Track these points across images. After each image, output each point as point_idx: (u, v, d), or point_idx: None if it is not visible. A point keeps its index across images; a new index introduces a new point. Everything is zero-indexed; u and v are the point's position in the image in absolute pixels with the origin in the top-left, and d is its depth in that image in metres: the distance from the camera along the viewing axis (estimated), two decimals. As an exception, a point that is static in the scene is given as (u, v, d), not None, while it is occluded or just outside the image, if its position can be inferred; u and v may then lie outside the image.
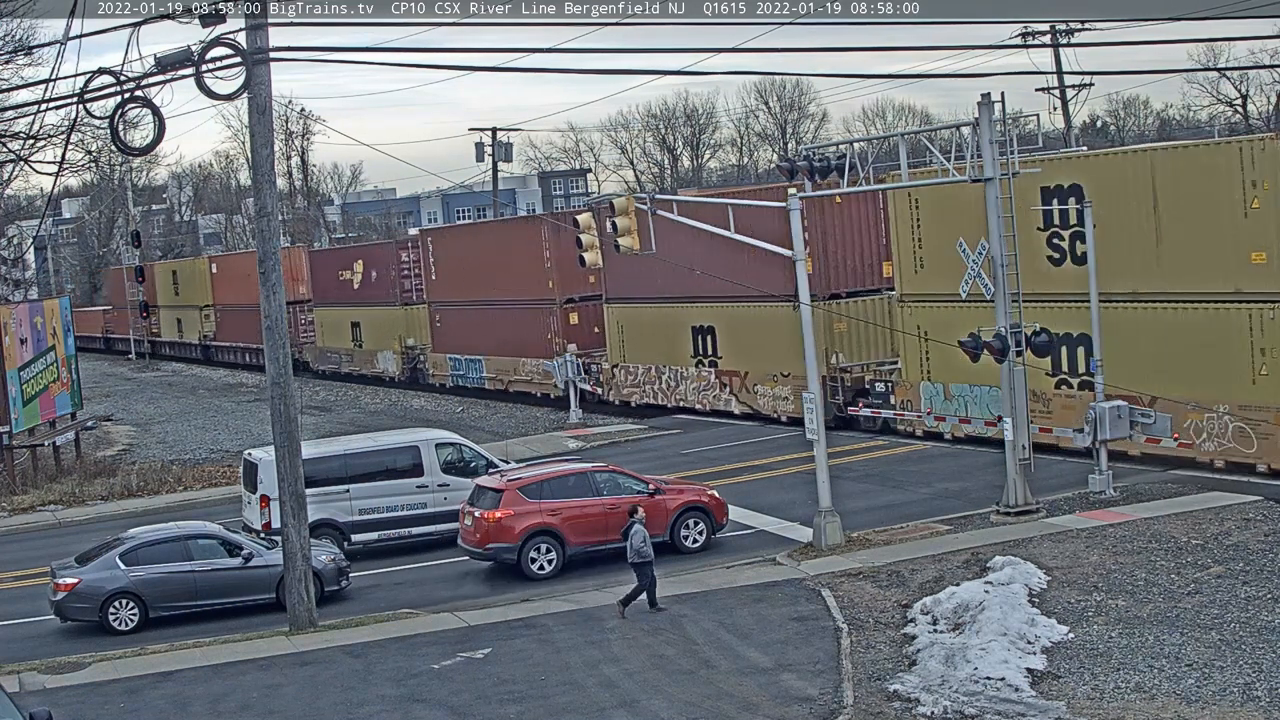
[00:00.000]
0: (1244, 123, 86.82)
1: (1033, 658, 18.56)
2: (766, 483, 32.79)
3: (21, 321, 44.20)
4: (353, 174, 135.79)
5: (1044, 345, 26.76)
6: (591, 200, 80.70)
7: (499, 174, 75.23)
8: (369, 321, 65.59)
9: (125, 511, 37.42)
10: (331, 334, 70.66)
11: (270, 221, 23.52)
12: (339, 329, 69.50)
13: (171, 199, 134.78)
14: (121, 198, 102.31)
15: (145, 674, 21.18)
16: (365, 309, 65.69)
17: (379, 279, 63.56)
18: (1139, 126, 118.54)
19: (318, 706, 19.04)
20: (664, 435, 41.97)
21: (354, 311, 67.15)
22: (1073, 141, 61.35)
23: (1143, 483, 28.04)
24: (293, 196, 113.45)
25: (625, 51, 51.57)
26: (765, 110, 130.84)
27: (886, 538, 26.00)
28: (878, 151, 48.12)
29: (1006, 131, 26.44)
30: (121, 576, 24.98)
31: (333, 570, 25.79)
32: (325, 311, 70.86)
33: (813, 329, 26.84)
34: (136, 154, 36.34)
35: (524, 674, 19.57)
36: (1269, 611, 19.50)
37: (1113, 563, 22.56)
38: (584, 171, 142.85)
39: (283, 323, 23.63)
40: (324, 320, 71.23)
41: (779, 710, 17.40)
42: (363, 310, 66.05)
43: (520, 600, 24.14)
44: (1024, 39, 57.68)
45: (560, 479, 27.06)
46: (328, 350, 71.16)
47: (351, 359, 68.10)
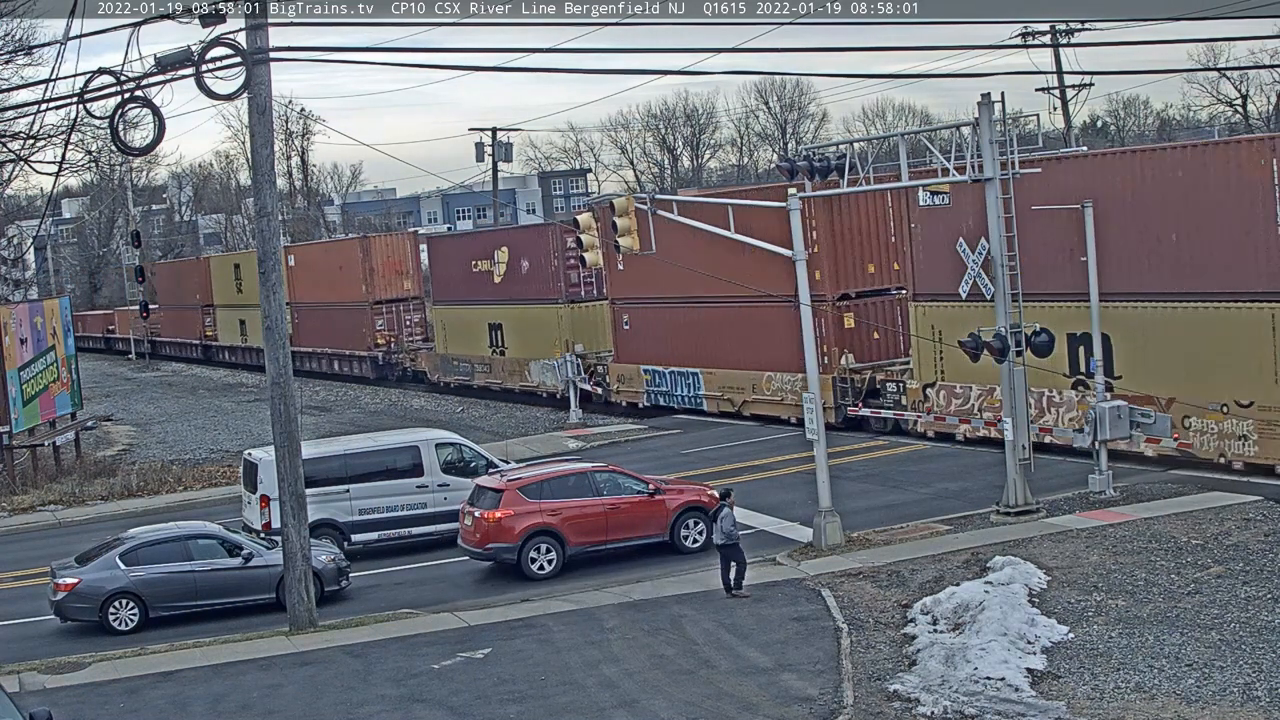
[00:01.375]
0: (1244, 123, 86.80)
1: (1033, 658, 18.56)
2: (767, 483, 32.79)
3: (21, 321, 44.20)
4: (353, 174, 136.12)
5: (1044, 345, 26.75)
6: (592, 200, 79.51)
7: (499, 174, 75.24)
8: (517, 323, 53.49)
9: (125, 511, 37.42)
10: (460, 338, 57.96)
11: (270, 221, 23.51)
12: (471, 332, 56.80)
13: (171, 199, 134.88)
14: (121, 198, 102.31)
15: (145, 674, 21.18)
16: (511, 308, 53.56)
17: (533, 270, 51.26)
18: (1139, 126, 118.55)
19: (318, 706, 19.04)
20: (664, 435, 41.97)
21: (493, 311, 54.76)
22: (1073, 142, 61.35)
23: (1142, 483, 28.05)
24: (293, 196, 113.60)
25: (625, 51, 51.60)
26: (765, 110, 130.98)
27: (886, 538, 26.00)
28: (878, 151, 48.14)
29: (1006, 131, 26.45)
30: (121, 576, 24.98)
31: (333, 570, 25.79)
32: (449, 311, 59.02)
33: (813, 329, 26.91)
34: (136, 154, 36.35)
35: (524, 674, 19.57)
36: (1269, 611, 19.50)
37: (1113, 563, 22.56)
38: (584, 171, 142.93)
39: (283, 323, 23.61)
40: (447, 321, 59.32)
41: (779, 710, 17.40)
42: (508, 310, 53.93)
43: (520, 600, 24.14)
44: (1024, 39, 57.70)
45: (560, 479, 27.06)
46: (453, 359, 58.73)
47: (489, 369, 55.73)
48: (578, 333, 49.80)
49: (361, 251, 64.54)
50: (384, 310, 63.68)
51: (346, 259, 65.98)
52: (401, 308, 63.71)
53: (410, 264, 64.28)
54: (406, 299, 64.08)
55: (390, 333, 63.62)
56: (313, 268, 69.59)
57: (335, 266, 66.84)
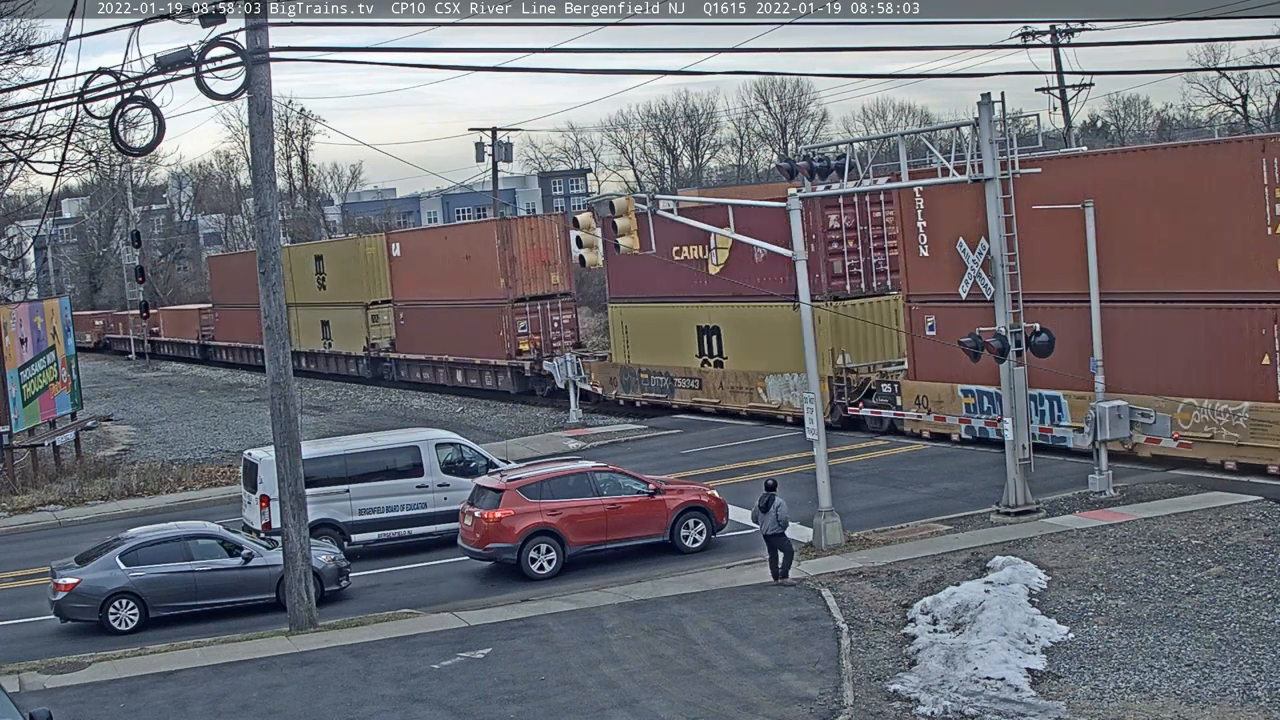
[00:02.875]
0: (1244, 123, 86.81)
1: (1033, 658, 18.56)
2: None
3: (21, 321, 44.22)
4: (353, 174, 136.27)
5: (1044, 345, 26.75)
6: (591, 200, 78.09)
7: (499, 174, 75.22)
8: (741, 325, 42.11)
9: (125, 511, 37.42)
10: (645, 344, 45.75)
11: (270, 221, 23.50)
12: (663, 336, 45.00)
13: (171, 199, 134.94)
14: (121, 198, 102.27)
15: (145, 674, 21.17)
16: (732, 306, 42.07)
17: (770, 258, 36.84)
18: (1139, 126, 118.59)
19: (318, 706, 19.04)
20: (664, 435, 41.96)
21: (703, 310, 43.34)
22: (1073, 142, 61.34)
23: (1142, 483, 28.06)
24: (293, 196, 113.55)
25: (625, 51, 51.52)
26: (765, 110, 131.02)
27: (886, 538, 26.00)
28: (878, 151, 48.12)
29: (1006, 131, 26.45)
30: (121, 576, 24.98)
31: (333, 570, 25.79)
32: (630, 310, 47.55)
33: (813, 329, 26.89)
34: (136, 154, 36.31)
35: (524, 674, 19.57)
36: (1269, 611, 19.50)
37: (1113, 563, 22.56)
38: (584, 171, 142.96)
39: (283, 323, 23.60)
40: (629, 322, 47.67)
41: (779, 710, 17.40)
42: (730, 309, 42.57)
43: (520, 600, 24.13)
44: (1024, 39, 57.68)
45: (560, 479, 27.06)
46: (641, 370, 46.45)
47: (698, 385, 43.88)
48: (844, 339, 38.42)
49: (500, 237, 53.36)
50: (527, 310, 52.76)
51: (478, 246, 54.96)
52: (549, 306, 52.87)
53: (559, 253, 52.69)
54: (554, 296, 53.19)
55: (535, 336, 52.79)
56: (426, 259, 58.69)
57: (460, 256, 55.64)
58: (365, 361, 64.75)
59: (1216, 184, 28.11)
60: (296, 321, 69.67)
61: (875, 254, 39.78)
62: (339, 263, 67.43)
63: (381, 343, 62.98)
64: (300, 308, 69.48)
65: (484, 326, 54.25)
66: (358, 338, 65.03)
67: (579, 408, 46.93)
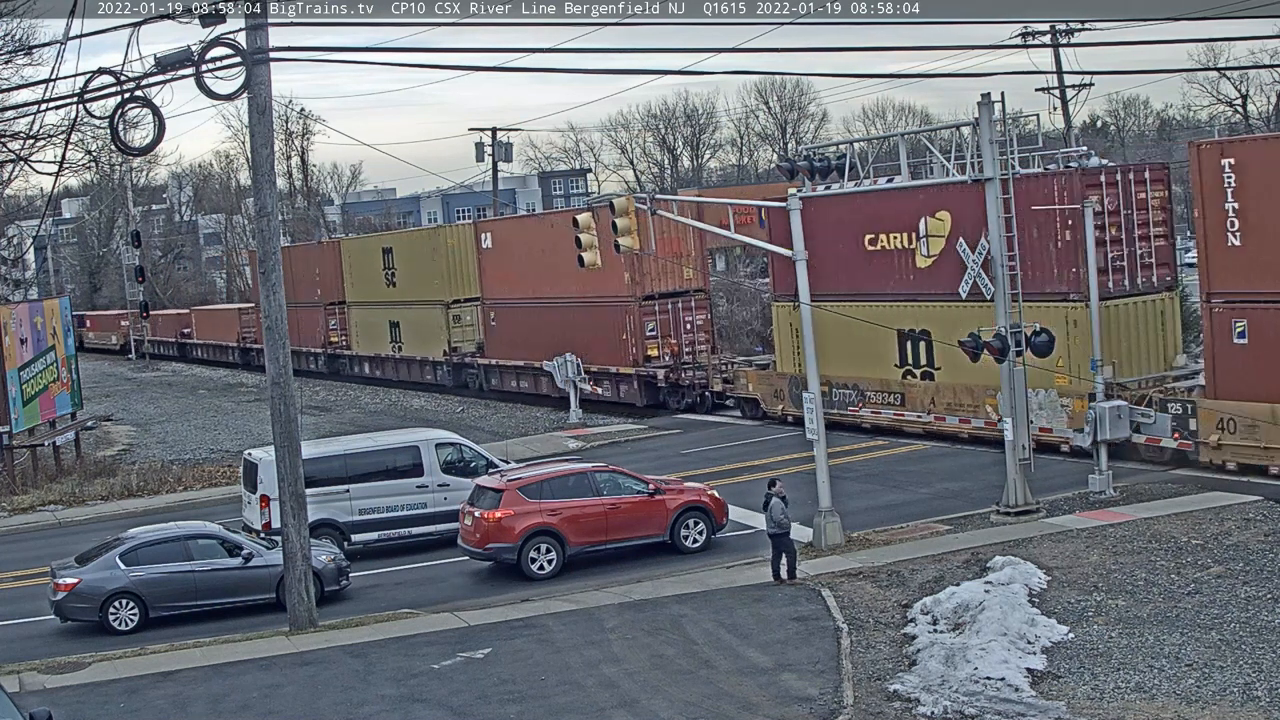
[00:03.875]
0: (1244, 123, 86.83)
1: (1033, 658, 18.56)
2: (767, 483, 32.73)
3: (21, 321, 44.19)
4: (353, 174, 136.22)
5: (1044, 345, 26.76)
6: (592, 200, 76.57)
7: (499, 174, 75.24)
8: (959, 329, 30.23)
9: (125, 511, 37.42)
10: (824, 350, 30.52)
11: (270, 221, 23.51)
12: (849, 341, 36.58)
13: (171, 199, 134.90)
14: (121, 198, 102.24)
15: (145, 674, 21.17)
16: (947, 307, 34.13)
17: (1043, 244, 31.94)
18: (1139, 126, 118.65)
19: (318, 706, 19.04)
20: (664, 435, 41.96)
21: (907, 310, 36.06)
22: (1072, 141, 61.34)
23: (1142, 483, 28.07)
24: (293, 196, 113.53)
25: (625, 51, 51.49)
26: (765, 110, 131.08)
27: (886, 538, 26.01)
28: (878, 151, 48.13)
29: (1006, 131, 26.47)
30: (121, 576, 24.98)
31: (333, 570, 25.79)
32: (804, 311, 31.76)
33: (812, 329, 26.89)
34: (136, 154, 36.33)
35: (524, 674, 19.57)
36: (1269, 611, 19.51)
37: (1113, 563, 22.57)
38: (584, 171, 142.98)
39: (283, 322, 23.59)
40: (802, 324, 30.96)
41: (779, 710, 17.40)
42: (939, 309, 34.97)
43: (520, 600, 24.13)
44: (1024, 39, 57.65)
45: (560, 479, 27.06)
46: (842, 385, 38.15)
47: (898, 400, 36.79)
48: (1111, 346, 31.33)
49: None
50: (655, 309, 46.04)
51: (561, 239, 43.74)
52: (681, 305, 45.96)
53: (693, 244, 45.74)
54: (687, 293, 46.18)
55: (670, 340, 46.13)
56: (525, 251, 51.06)
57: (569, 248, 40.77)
58: (446, 368, 57.44)
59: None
60: (359, 323, 64.58)
61: (1140, 244, 32.74)
62: (413, 256, 59.69)
63: (466, 346, 56.30)
64: (356, 307, 63.92)
65: (600, 328, 47.16)
66: (437, 341, 57.53)
67: (579, 408, 46.84)
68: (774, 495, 23.63)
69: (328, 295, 67.22)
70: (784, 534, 23.43)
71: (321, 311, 67.60)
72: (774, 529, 23.39)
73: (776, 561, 23.51)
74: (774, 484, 24.10)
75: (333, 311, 66.86)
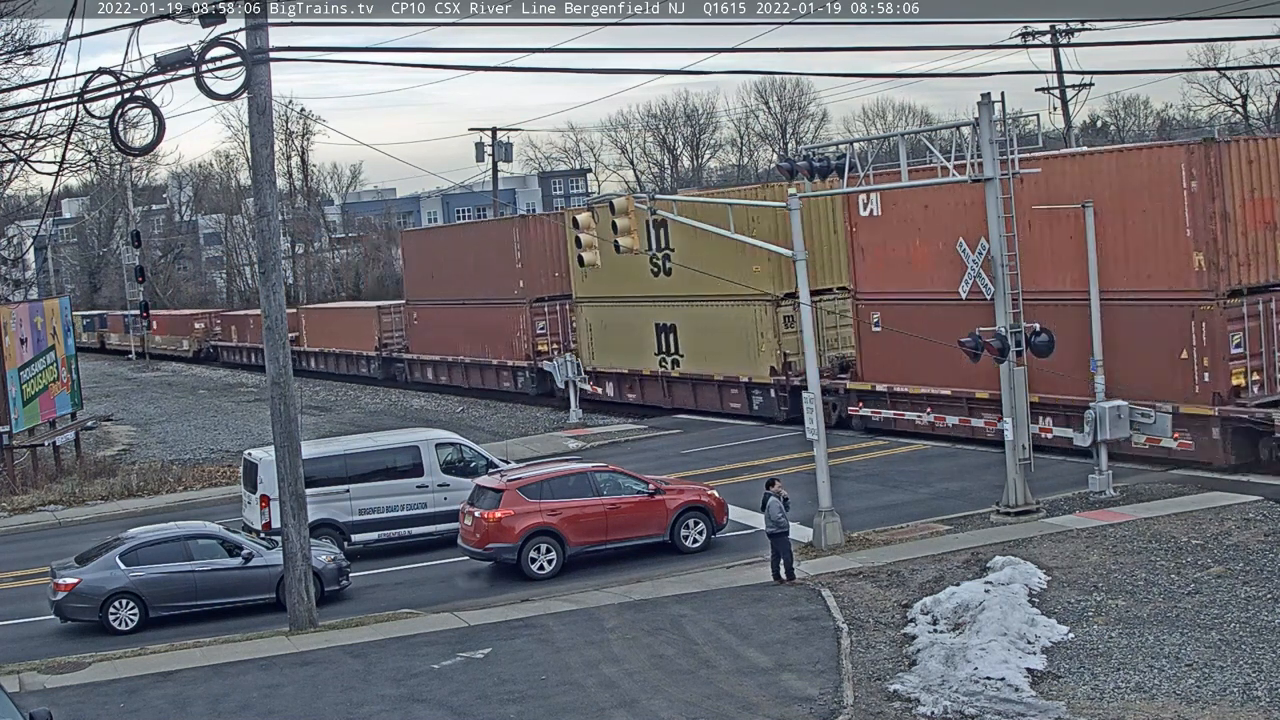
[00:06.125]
0: (1244, 122, 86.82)
1: (1033, 658, 18.56)
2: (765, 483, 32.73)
3: (21, 321, 44.19)
4: (353, 174, 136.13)
5: (1044, 345, 26.75)
6: (591, 200, 76.34)
7: (499, 174, 75.24)
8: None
9: (125, 511, 37.42)
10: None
11: (270, 221, 23.50)
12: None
13: (171, 199, 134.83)
14: (121, 198, 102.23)
15: (145, 674, 21.17)
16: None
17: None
18: (1139, 126, 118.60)
19: (318, 706, 19.04)
20: (664, 435, 41.96)
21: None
22: (1073, 141, 61.34)
23: (1142, 483, 28.06)
24: (293, 196, 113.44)
25: (625, 51, 51.50)
26: (765, 110, 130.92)
27: (886, 538, 26.00)
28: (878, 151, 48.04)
29: (1006, 131, 26.45)
30: (121, 576, 24.98)
31: (333, 570, 25.79)
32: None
33: (813, 328, 26.90)
34: (136, 154, 36.34)
35: (524, 674, 19.57)
36: (1269, 611, 19.51)
37: (1113, 563, 22.56)
38: (584, 171, 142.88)
39: (283, 322, 23.59)
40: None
41: (779, 710, 17.40)
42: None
43: (520, 600, 24.13)
44: (1024, 39, 57.67)
45: (560, 479, 27.06)
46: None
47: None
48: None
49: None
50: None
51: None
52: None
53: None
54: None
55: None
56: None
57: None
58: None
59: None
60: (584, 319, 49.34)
61: None
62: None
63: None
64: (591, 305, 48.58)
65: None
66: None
67: (579, 408, 46.86)
68: (772, 495, 23.64)
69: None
70: (782, 534, 23.43)
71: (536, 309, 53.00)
72: (772, 529, 23.40)
73: (776, 561, 23.52)
74: (772, 484, 24.11)
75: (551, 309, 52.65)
